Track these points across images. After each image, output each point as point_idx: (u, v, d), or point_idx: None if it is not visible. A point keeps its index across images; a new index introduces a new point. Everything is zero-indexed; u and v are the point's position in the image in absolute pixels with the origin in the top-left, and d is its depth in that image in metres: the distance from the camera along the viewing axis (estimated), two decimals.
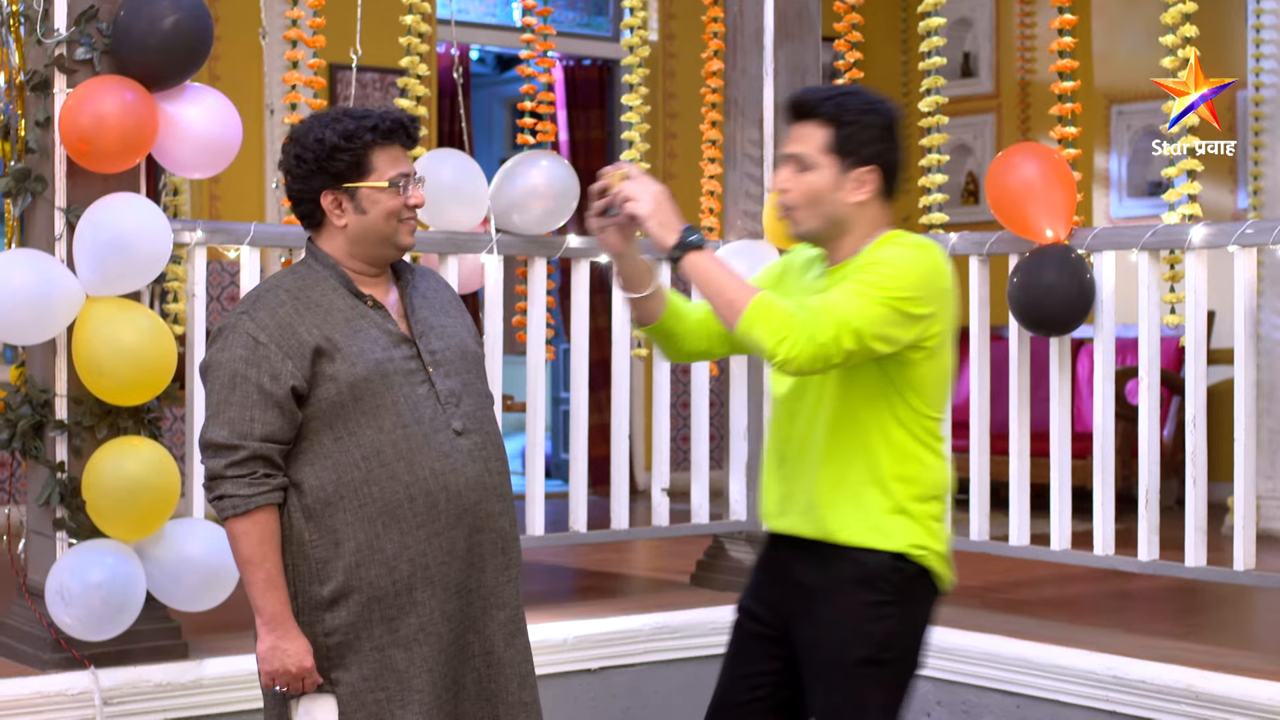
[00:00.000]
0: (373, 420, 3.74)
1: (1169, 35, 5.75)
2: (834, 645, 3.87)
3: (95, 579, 4.99)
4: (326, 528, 3.73)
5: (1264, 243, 5.49)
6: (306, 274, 3.85)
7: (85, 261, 5.02)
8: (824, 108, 3.84)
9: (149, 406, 5.24)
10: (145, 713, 5.18)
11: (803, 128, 3.87)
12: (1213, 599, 6.81)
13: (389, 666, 3.74)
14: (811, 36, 6.84)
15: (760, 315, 3.69)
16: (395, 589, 3.73)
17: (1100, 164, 10.72)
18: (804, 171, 3.85)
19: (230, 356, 3.74)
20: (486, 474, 3.84)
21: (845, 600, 3.86)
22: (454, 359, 3.89)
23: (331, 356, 3.73)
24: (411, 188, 3.85)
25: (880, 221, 3.89)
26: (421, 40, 6.41)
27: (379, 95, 9.80)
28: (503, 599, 3.91)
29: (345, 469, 3.74)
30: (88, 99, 4.98)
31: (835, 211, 3.85)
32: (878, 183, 3.86)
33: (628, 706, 6.04)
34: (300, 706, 3.77)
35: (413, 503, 3.74)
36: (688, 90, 10.38)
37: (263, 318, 3.76)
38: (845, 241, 3.89)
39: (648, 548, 8.11)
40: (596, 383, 8.51)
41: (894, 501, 3.85)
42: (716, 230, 7.11)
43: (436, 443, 3.78)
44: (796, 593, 3.95)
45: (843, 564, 3.86)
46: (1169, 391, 9.14)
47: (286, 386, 3.71)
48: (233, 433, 3.70)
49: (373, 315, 3.83)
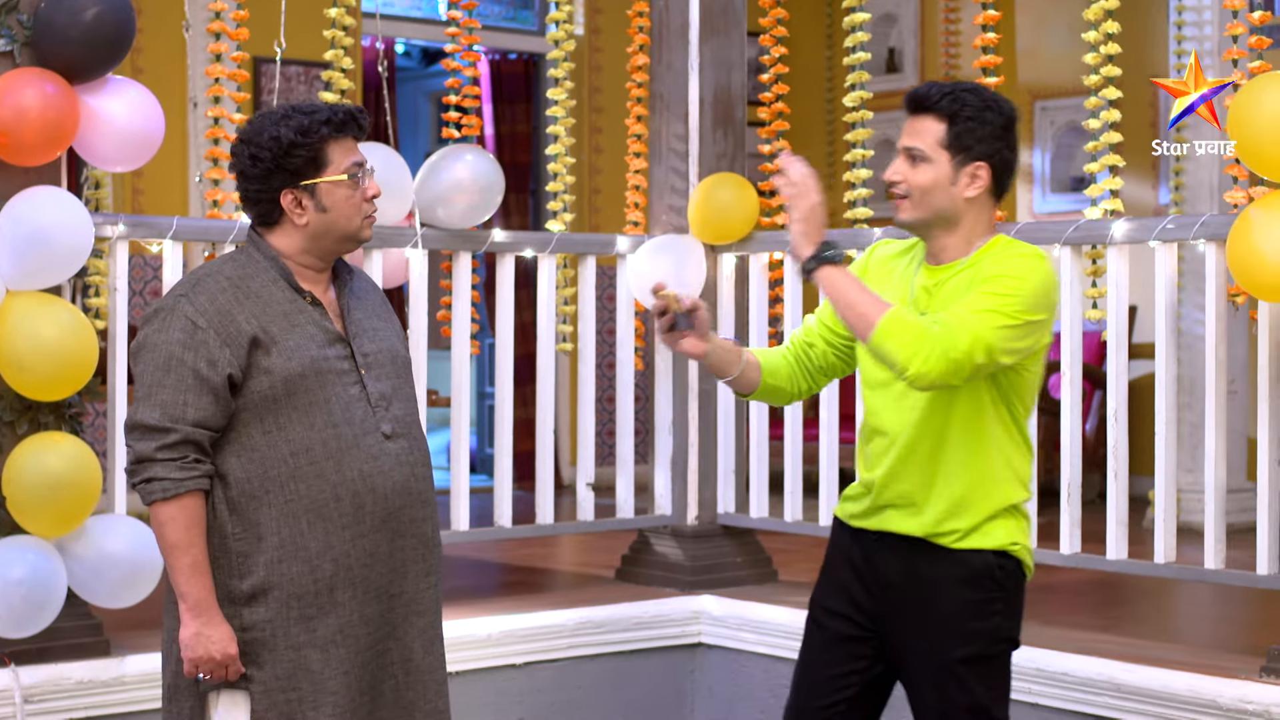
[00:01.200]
0: (304, 417, 3.72)
1: (1091, 31, 5.78)
2: (941, 646, 3.91)
3: (15, 576, 4.95)
4: (250, 521, 3.70)
5: (1185, 238, 5.53)
6: (247, 263, 3.81)
7: (5, 255, 4.98)
8: (942, 103, 3.89)
9: (70, 402, 5.20)
10: (66, 710, 5.14)
11: (919, 121, 3.93)
12: (1134, 592, 6.86)
13: (303, 667, 3.71)
14: (737, 31, 6.85)
15: (894, 330, 3.72)
16: (316, 588, 3.70)
17: (1023, 159, 10.77)
18: (918, 164, 3.89)
19: (167, 339, 3.70)
20: (413, 479, 3.83)
21: (951, 600, 3.90)
22: (385, 362, 3.86)
23: (267, 349, 3.71)
24: (367, 179, 3.83)
25: (988, 220, 3.94)
26: (346, 33, 6.38)
27: (303, 89, 9.75)
28: (422, 605, 3.88)
29: (272, 464, 3.71)
30: (8, 91, 4.94)
31: (945, 205, 3.89)
32: (989, 180, 3.90)
33: (553, 701, 6.04)
34: (221, 700, 3.75)
35: (339, 503, 3.72)
36: (613, 85, 10.38)
37: (202, 302, 3.72)
38: (950, 238, 3.92)
39: (572, 542, 8.11)
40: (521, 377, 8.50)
41: (996, 502, 3.91)
42: (641, 225, 7.11)
43: (365, 445, 3.76)
44: (891, 592, 3.96)
45: (947, 564, 3.90)
46: (1091, 386, 9.20)
47: (223, 374, 3.68)
48: (165, 415, 3.66)
49: (310, 312, 3.80)
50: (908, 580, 3.94)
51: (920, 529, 3.91)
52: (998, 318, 3.74)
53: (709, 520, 6.80)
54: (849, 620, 4.03)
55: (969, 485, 3.89)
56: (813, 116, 11.55)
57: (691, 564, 6.64)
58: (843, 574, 4.06)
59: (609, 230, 8.84)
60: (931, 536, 3.90)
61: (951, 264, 3.92)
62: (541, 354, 6.60)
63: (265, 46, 6.30)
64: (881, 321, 3.73)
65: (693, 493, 6.80)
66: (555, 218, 6.88)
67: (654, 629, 6.28)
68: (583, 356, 6.76)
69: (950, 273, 3.91)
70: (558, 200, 6.92)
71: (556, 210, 6.90)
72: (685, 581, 6.56)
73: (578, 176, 8.68)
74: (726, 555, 6.69)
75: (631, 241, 6.77)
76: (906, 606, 3.94)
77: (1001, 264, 3.83)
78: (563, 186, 6.92)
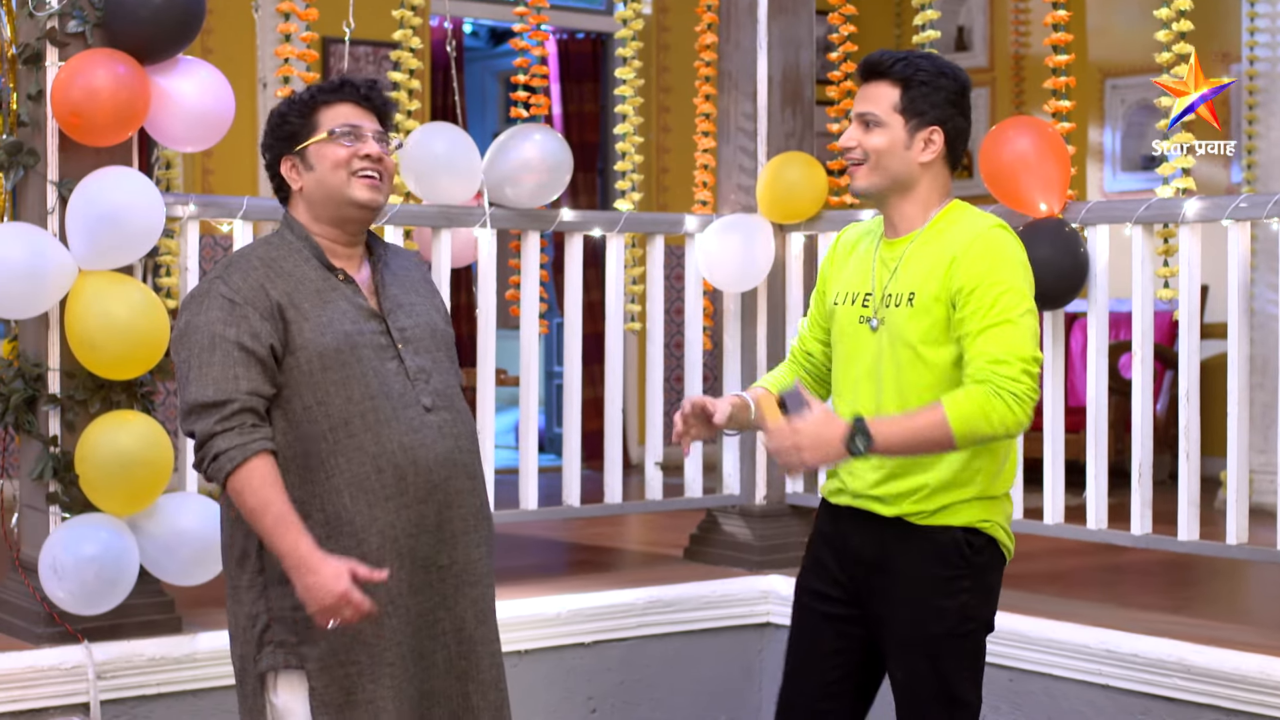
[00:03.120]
0: (341, 391, 3.73)
1: (1163, 9, 5.74)
2: (911, 622, 3.93)
3: (88, 553, 4.99)
4: (295, 499, 3.68)
5: (1258, 216, 5.49)
6: (280, 244, 3.85)
7: (78, 235, 5.01)
8: (896, 68, 3.91)
9: (142, 380, 5.23)
10: (138, 687, 5.18)
11: (873, 87, 3.94)
12: (1205, 573, 6.82)
13: (358, 639, 3.72)
14: (805, 9, 6.82)
15: (965, 423, 3.74)
16: (364, 561, 3.67)
17: (1094, 138, 10.71)
18: (872, 129, 3.92)
19: (207, 319, 3.71)
20: (456, 450, 3.83)
21: (919, 576, 3.92)
22: (423, 337, 3.88)
23: (300, 325, 3.73)
24: (360, 140, 3.83)
25: (943, 187, 3.98)
26: (415, 13, 6.40)
27: (372, 68, 9.78)
28: (474, 576, 3.88)
29: (312, 440, 3.72)
30: (80, 72, 4.97)
31: (900, 170, 3.92)
32: (943, 145, 3.94)
33: (621, 680, 6.05)
34: (279, 681, 3.75)
35: (380, 474, 3.73)
36: (682, 63, 10.36)
37: (236, 281, 3.75)
38: (908, 205, 3.95)
39: (641, 522, 8.11)
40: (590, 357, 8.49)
41: (972, 490, 3.92)
42: (710, 204, 7.10)
43: (405, 417, 3.76)
44: (866, 569, 3.99)
45: (916, 540, 3.92)
46: (1162, 366, 9.15)
47: (266, 345, 3.70)
48: (218, 390, 3.66)
49: (343, 288, 3.82)
50: (879, 556, 3.96)
51: (888, 507, 3.92)
52: (1020, 331, 3.80)
53: (777, 500, 6.80)
54: (832, 599, 4.06)
55: (944, 470, 3.89)
56: None
57: (760, 543, 6.63)
58: (823, 553, 4.10)
59: (677, 209, 8.84)
60: (901, 514, 3.92)
61: (909, 235, 3.95)
62: (610, 333, 6.60)
63: (334, 26, 6.33)
64: (953, 430, 3.73)
65: (761, 472, 6.79)
66: (623, 197, 6.88)
67: (722, 608, 6.27)
68: (651, 336, 6.75)
69: (907, 244, 3.94)
70: (626, 179, 6.92)
71: (624, 189, 6.90)
72: (753, 561, 6.56)
73: (646, 156, 8.68)
74: (794, 535, 6.67)
75: (700, 221, 6.76)
76: (879, 583, 3.96)
77: (976, 262, 3.83)
78: (631, 166, 6.92)
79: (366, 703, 3.73)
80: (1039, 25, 10.34)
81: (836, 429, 3.72)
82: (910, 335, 3.88)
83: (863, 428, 3.72)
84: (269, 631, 3.75)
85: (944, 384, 3.85)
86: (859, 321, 3.98)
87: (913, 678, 3.95)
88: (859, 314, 3.98)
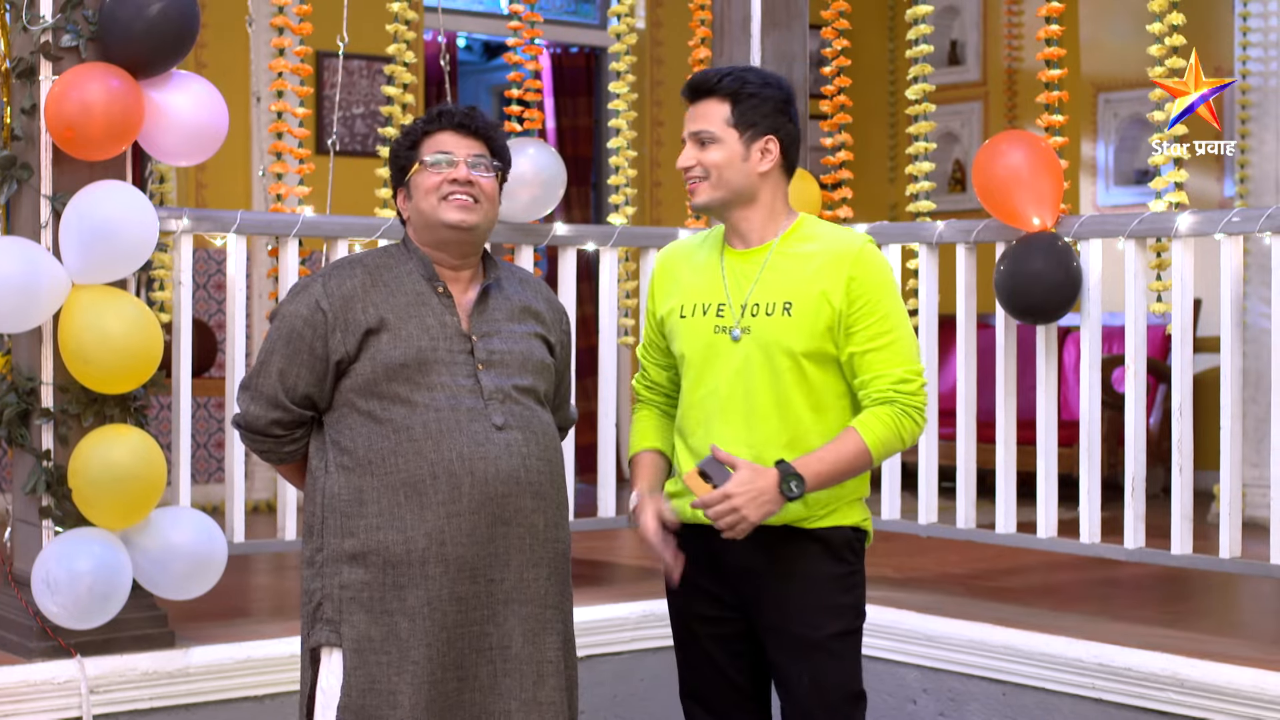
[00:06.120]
0: (409, 397, 3.87)
1: (1156, 23, 5.75)
2: (811, 625, 3.97)
3: (81, 567, 4.98)
4: (354, 487, 3.87)
5: (1250, 231, 5.50)
6: (392, 254, 4.05)
7: (71, 249, 5.01)
8: (723, 84, 3.98)
9: (135, 395, 5.23)
10: (131, 701, 5.17)
11: (703, 106, 4.01)
12: (1198, 587, 6.82)
13: (394, 632, 3.83)
14: (799, 24, 6.83)
15: (883, 445, 3.90)
16: (409, 559, 3.82)
17: (1087, 152, 10.72)
18: (707, 146, 3.98)
19: (295, 311, 3.96)
20: (523, 470, 3.92)
21: (816, 576, 3.98)
22: (513, 363, 3.98)
23: (379, 335, 3.89)
24: (450, 166, 3.97)
25: (784, 195, 4.05)
26: (409, 28, 6.40)
27: (366, 83, 9.78)
28: (526, 595, 3.95)
29: (376, 438, 3.88)
30: (73, 86, 4.97)
31: (741, 182, 3.98)
32: (779, 154, 4.00)
33: (614, 694, 6.04)
34: (332, 659, 3.86)
35: (435, 480, 3.84)
36: (675, 77, 10.37)
37: (332, 286, 3.95)
38: (753, 214, 4.02)
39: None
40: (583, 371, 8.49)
41: (851, 492, 4.02)
42: (704, 218, 7.09)
43: (470, 430, 3.87)
44: (753, 580, 4.01)
45: (808, 542, 3.98)
46: (1155, 380, 9.15)
47: (335, 356, 3.91)
48: (282, 386, 3.98)
49: (436, 304, 3.96)
50: (769, 564, 3.99)
51: (778, 519, 3.92)
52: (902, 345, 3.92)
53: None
54: (719, 620, 4.10)
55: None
56: (875, 109, 11.52)
57: None
58: (699, 577, 4.09)
59: (671, 223, 8.85)
60: (794, 523, 3.96)
61: (764, 245, 4.01)
62: (603, 347, 6.61)
63: (328, 41, 6.33)
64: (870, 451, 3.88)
65: None
66: (617, 211, 6.89)
67: None
68: None
69: (765, 253, 4.00)
70: (619, 193, 6.92)
71: (618, 204, 6.90)
72: None
73: (639, 170, 8.68)
74: None
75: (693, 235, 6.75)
76: (770, 592, 4.00)
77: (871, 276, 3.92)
78: (624, 180, 6.92)
79: (386, 693, 3.81)
80: (1032, 39, 10.37)
81: (768, 480, 3.80)
82: (793, 343, 3.93)
83: (791, 471, 3.81)
84: (320, 609, 3.90)
85: (821, 390, 3.94)
86: (714, 331, 4.01)
87: (820, 680, 3.99)
88: (714, 324, 4.02)
